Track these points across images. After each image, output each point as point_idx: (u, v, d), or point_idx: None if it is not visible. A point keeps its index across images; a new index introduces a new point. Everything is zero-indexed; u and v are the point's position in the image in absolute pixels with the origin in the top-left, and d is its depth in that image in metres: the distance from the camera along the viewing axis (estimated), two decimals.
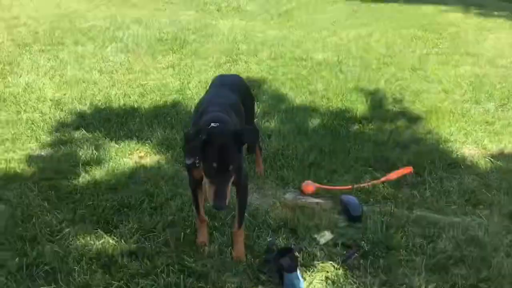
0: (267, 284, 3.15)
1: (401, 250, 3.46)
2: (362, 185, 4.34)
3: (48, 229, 3.54)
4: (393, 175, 4.48)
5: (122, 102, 6.02)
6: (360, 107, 6.03)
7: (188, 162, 2.70)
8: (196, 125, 2.97)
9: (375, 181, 4.41)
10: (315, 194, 4.23)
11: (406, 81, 6.99)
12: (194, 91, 6.43)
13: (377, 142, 5.16)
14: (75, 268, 3.15)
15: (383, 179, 4.44)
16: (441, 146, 5.16)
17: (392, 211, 3.92)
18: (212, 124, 2.75)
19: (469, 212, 4.04)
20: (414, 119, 5.77)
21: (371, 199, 4.16)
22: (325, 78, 7.05)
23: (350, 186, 4.30)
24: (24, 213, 3.71)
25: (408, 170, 4.56)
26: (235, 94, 3.54)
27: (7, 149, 4.77)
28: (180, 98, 6.20)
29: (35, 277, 3.08)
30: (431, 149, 5.06)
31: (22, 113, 5.59)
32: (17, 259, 3.22)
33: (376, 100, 6.28)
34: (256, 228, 3.66)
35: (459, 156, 4.97)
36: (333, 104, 6.09)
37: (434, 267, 3.34)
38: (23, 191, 4.01)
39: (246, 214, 3.74)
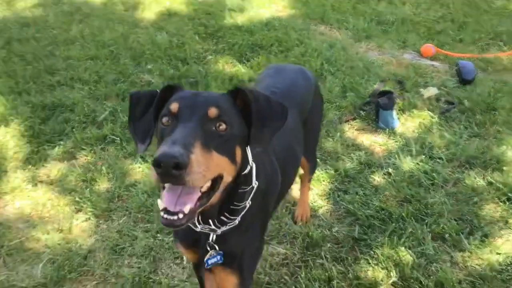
0: (364, 118, 3.61)
1: (502, 111, 3.60)
2: (485, 55, 4.36)
3: (195, 54, 4.38)
4: None
5: None
6: None
7: (141, 148, 1.42)
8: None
9: (500, 54, 4.37)
10: (434, 58, 4.39)
11: None
12: None
13: None
14: (212, 83, 3.95)
15: (509, 52, 4.37)
16: None
17: (506, 80, 3.96)
18: None
19: None
20: None
21: (490, 68, 4.20)
22: None
23: (470, 54, 4.36)
24: (179, 41, 4.59)
25: None
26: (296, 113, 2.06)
27: None
28: None
29: (183, 85, 3.96)
30: None
31: None
32: (171, 71, 4.13)
33: None
34: (366, 75, 4.06)
35: None
36: None
37: None
38: (180, 25, 4.88)
39: (360, 65, 4.14)
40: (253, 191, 1.53)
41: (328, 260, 2.51)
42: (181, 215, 1.23)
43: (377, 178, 3.05)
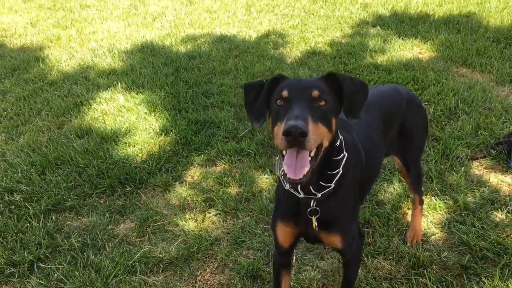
0: (495, 158, 3.53)
1: None
2: None
3: None
4: None
5: (419, 9, 6.60)
6: None
7: (256, 125, 1.78)
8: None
9: None
10: None
11: None
12: (493, 5, 6.42)
13: None
14: None
15: None
16: None
17: None
18: None
19: None
20: None
21: None
22: None
23: None
24: (318, 75, 4.97)
25: None
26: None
27: (318, 35, 6.16)
28: (477, 10, 6.33)
29: None
30: None
31: (336, 11, 6.89)
32: None
33: None
34: (504, 117, 3.96)
35: None
36: None
37: None
38: (321, 62, 5.30)
39: (499, 107, 4.05)
40: (344, 160, 1.84)
41: (432, 281, 2.55)
42: (302, 176, 1.60)
43: (499, 215, 2.98)
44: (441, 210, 3.07)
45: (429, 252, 2.76)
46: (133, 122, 4.37)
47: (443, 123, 3.99)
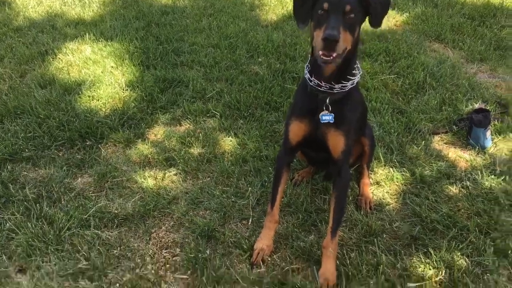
0: (456, 134, 3.60)
1: None
2: None
3: (304, 53, 4.68)
4: None
5: None
6: None
7: (302, 26, 2.22)
8: None
9: None
10: None
11: None
12: None
13: None
14: None
15: None
16: None
17: None
18: None
19: None
20: None
21: None
22: None
23: None
24: (292, 41, 4.93)
25: None
26: None
27: None
28: None
29: (286, 79, 4.27)
30: None
31: None
32: (278, 65, 4.47)
33: None
34: (469, 94, 4.01)
35: None
36: None
37: None
38: (295, 28, 5.22)
39: (465, 83, 4.09)
40: (359, 74, 2.31)
41: (381, 249, 2.62)
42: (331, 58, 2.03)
43: (453, 189, 3.05)
44: (398, 182, 3.13)
45: (382, 221, 2.82)
46: (98, 75, 4.25)
47: (410, 96, 4.02)
